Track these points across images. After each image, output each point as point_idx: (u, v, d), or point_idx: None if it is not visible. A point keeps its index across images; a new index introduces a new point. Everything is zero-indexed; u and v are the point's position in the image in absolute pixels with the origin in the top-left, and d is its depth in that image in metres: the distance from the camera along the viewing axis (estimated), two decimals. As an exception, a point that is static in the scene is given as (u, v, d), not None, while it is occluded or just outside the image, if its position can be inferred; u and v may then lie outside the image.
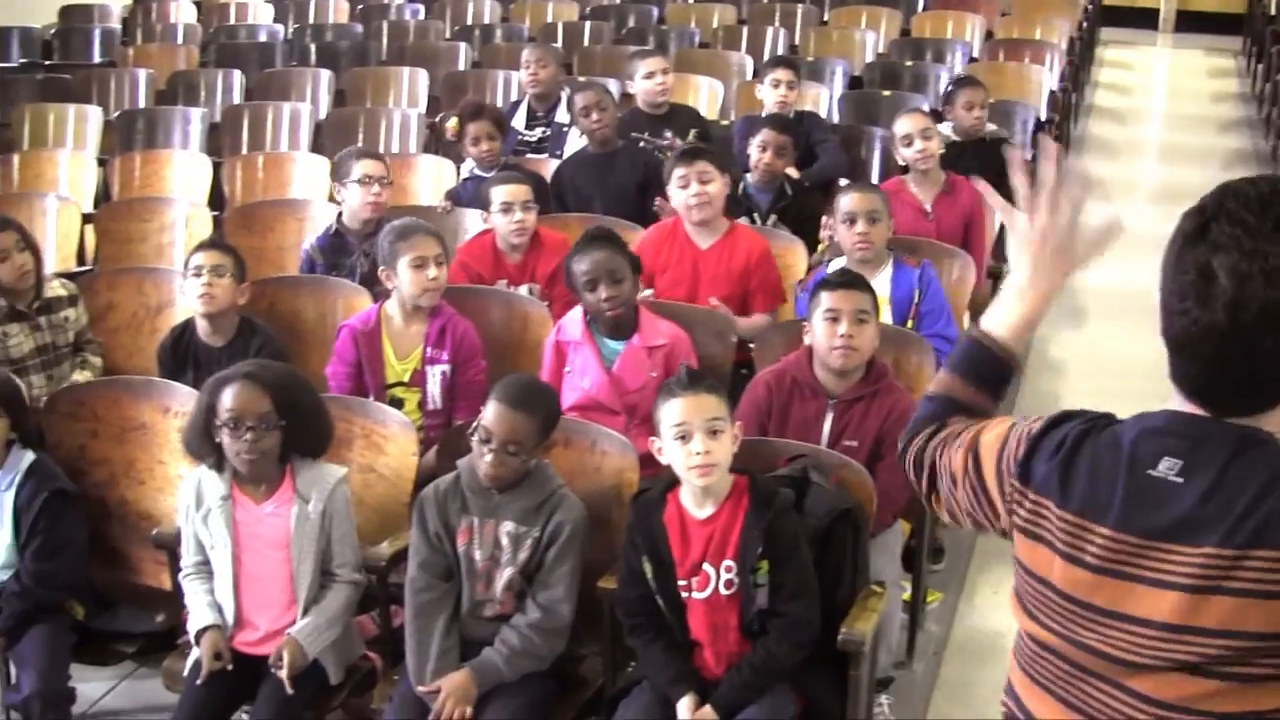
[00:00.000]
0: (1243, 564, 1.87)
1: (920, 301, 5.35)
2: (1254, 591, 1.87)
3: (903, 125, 6.31)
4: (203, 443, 3.95)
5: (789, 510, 3.74)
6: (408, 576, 3.94)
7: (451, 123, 6.78)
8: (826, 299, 4.44)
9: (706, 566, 3.68)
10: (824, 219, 5.79)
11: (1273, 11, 13.48)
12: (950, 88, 7.40)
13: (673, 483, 3.78)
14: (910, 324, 5.28)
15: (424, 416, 4.91)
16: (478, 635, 3.90)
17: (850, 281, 4.55)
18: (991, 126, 7.27)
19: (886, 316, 5.28)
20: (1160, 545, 1.95)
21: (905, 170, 6.42)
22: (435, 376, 4.93)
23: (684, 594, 3.71)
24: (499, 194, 5.63)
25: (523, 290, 5.57)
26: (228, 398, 3.87)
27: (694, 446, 3.65)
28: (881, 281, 5.35)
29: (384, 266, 5.03)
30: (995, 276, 6.31)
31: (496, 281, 5.61)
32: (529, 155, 7.28)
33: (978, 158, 6.63)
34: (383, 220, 5.68)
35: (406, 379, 4.96)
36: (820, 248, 5.94)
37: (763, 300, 5.48)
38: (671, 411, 3.70)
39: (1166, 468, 1.97)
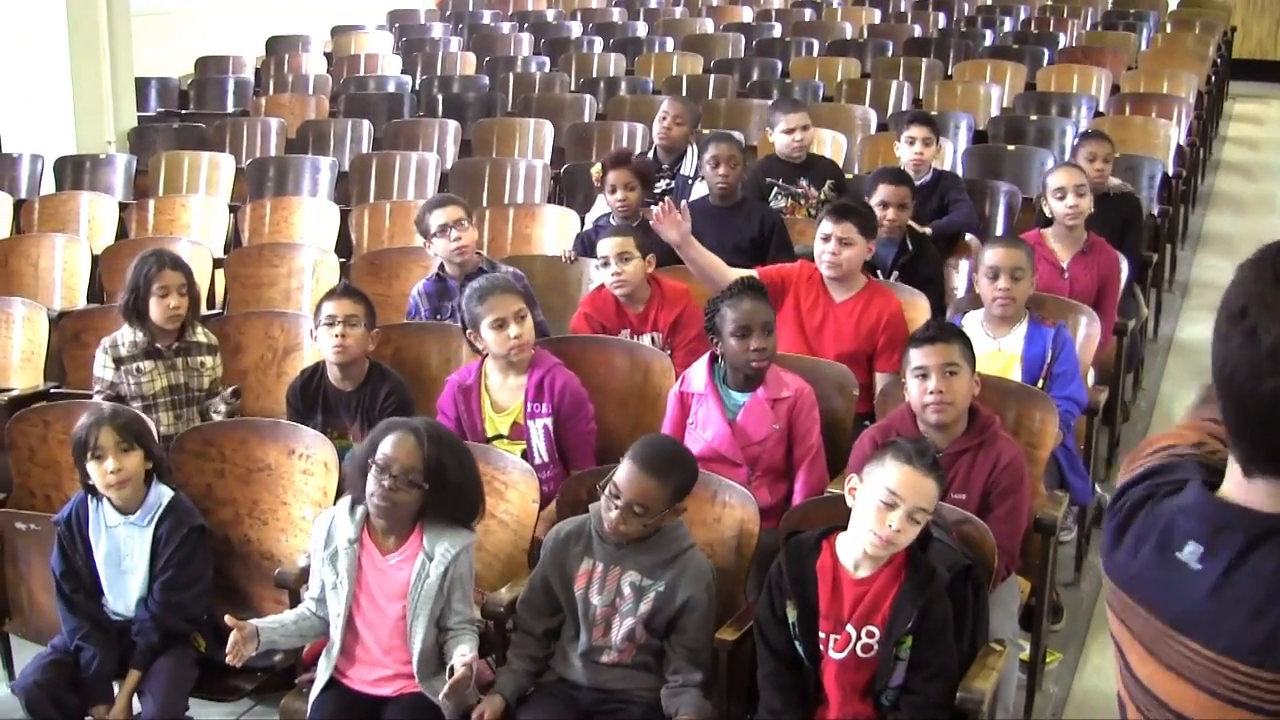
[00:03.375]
0: (1257, 683, 1.76)
1: (1054, 363, 5.28)
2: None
3: (1057, 178, 6.27)
4: (358, 477, 4.01)
5: (945, 592, 3.71)
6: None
7: (595, 168, 6.84)
8: (915, 356, 4.41)
9: (849, 627, 3.67)
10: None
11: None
12: (1076, 141, 7.34)
13: (829, 530, 3.77)
14: (1041, 383, 5.22)
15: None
16: (594, 681, 3.92)
17: (936, 336, 4.48)
18: (1115, 181, 7.21)
19: (1016, 373, 5.25)
20: (1179, 637, 1.85)
21: (1047, 224, 6.36)
22: (539, 430, 4.94)
23: (821, 648, 3.70)
24: (600, 248, 5.69)
25: (645, 340, 5.59)
26: (388, 443, 3.93)
27: (892, 521, 3.63)
28: (1015, 338, 5.34)
29: (470, 329, 5.07)
30: (1120, 333, 6.24)
31: (619, 332, 5.64)
32: (651, 206, 7.31)
33: (1100, 212, 6.57)
34: (481, 260, 5.79)
35: (506, 432, 4.97)
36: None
37: (887, 360, 5.43)
38: (895, 475, 3.67)
39: (1190, 553, 1.83)
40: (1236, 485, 1.83)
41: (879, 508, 3.64)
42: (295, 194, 8.52)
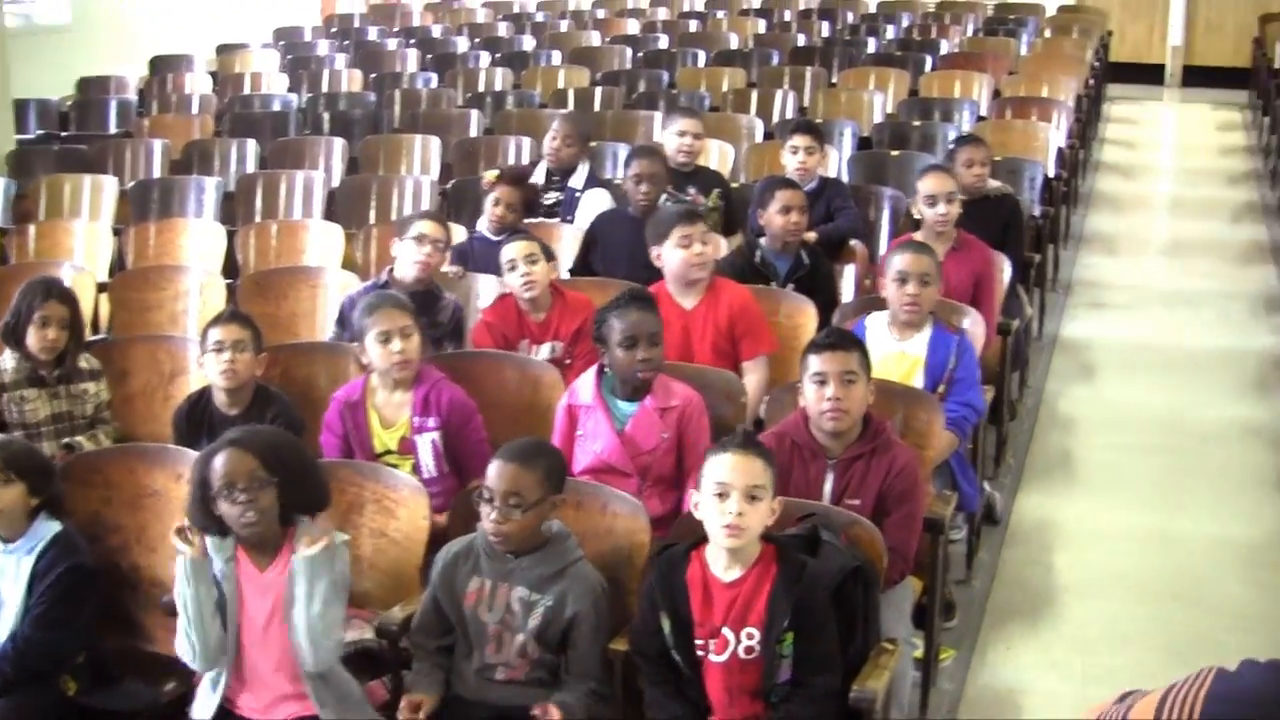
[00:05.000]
0: None
1: (956, 368, 5.34)
2: None
3: (928, 184, 6.37)
4: (204, 516, 3.94)
5: (819, 584, 3.74)
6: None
7: (491, 174, 6.84)
8: (814, 362, 4.44)
9: (726, 631, 3.71)
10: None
11: (1278, 64, 13.51)
12: (952, 146, 7.44)
13: (698, 541, 3.80)
14: (942, 388, 5.28)
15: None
16: (488, 698, 3.92)
17: (836, 343, 4.52)
18: (995, 183, 7.32)
19: (919, 377, 5.31)
20: None
21: (916, 227, 6.44)
22: (427, 445, 4.93)
23: (700, 654, 3.73)
24: (505, 253, 5.74)
25: (545, 349, 5.62)
26: (217, 466, 3.86)
27: (729, 506, 3.67)
28: (919, 343, 5.40)
29: (356, 341, 5.07)
30: (1005, 333, 6.33)
31: (520, 341, 5.67)
32: (541, 219, 7.33)
33: (980, 215, 6.67)
34: (433, 282, 5.83)
35: (395, 447, 4.95)
36: None
37: (749, 346, 5.51)
38: (717, 467, 3.73)
39: None
40: None
41: (716, 501, 3.69)
42: (180, 215, 8.41)
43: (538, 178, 7.68)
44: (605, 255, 6.49)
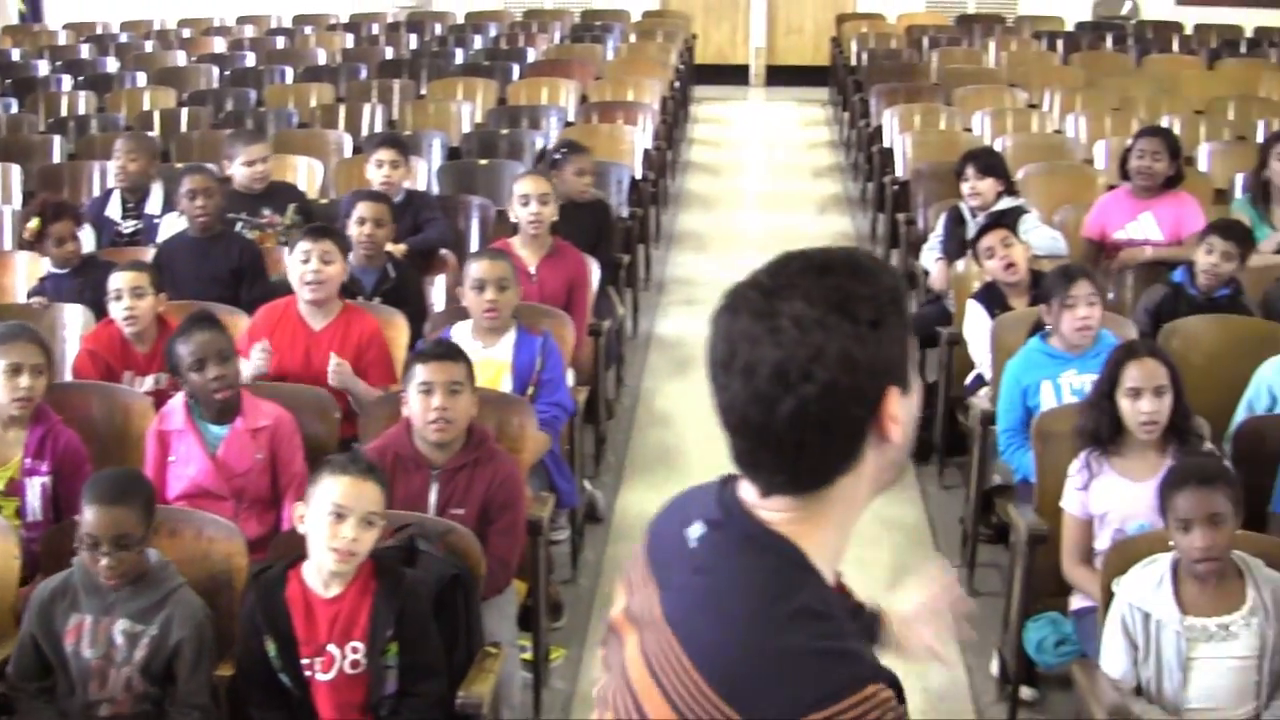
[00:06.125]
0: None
1: (543, 369, 5.42)
2: None
3: (523, 186, 6.45)
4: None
5: (419, 593, 3.79)
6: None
7: (33, 223, 6.50)
8: (421, 371, 4.48)
9: (331, 647, 3.72)
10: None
11: (853, 62, 14.16)
12: (561, 154, 7.52)
13: (295, 560, 3.79)
14: (531, 391, 5.36)
15: (24, 528, 4.71)
16: (93, 735, 3.82)
17: (444, 354, 4.58)
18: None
19: (506, 382, 5.37)
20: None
21: (514, 232, 6.51)
22: (35, 488, 4.74)
23: (308, 673, 3.72)
24: (111, 282, 5.53)
25: (149, 381, 5.48)
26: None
27: (345, 531, 3.68)
28: (504, 348, 5.45)
29: None
30: (596, 334, 6.46)
31: (125, 371, 5.50)
32: (126, 248, 7.10)
33: (574, 220, 6.79)
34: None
35: (1, 487, 4.76)
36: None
37: (376, 376, 5.49)
38: (334, 489, 3.72)
39: (693, 532, 1.92)
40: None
41: (331, 522, 3.70)
42: None
43: (113, 210, 7.49)
44: (175, 280, 6.26)
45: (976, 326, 6.06)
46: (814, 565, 1.84)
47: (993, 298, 6.12)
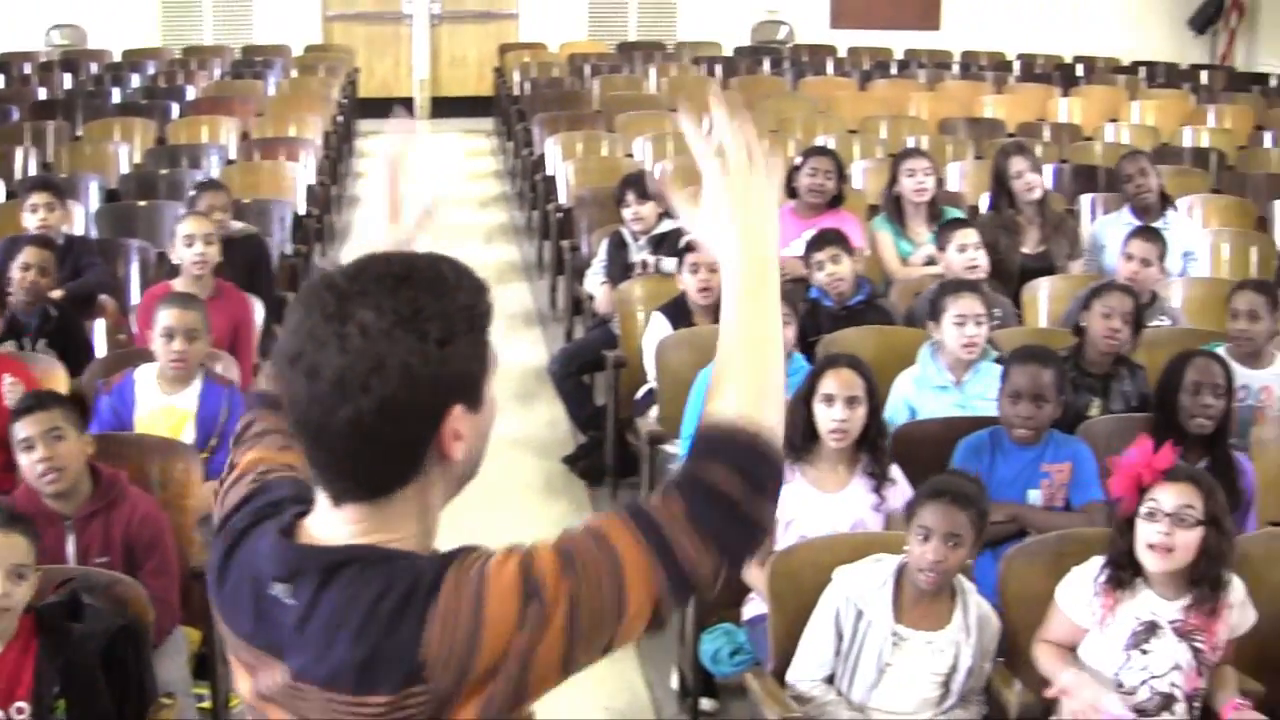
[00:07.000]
0: (339, 705, 1.84)
1: (227, 421, 5.28)
2: None
3: (186, 226, 6.36)
4: None
5: (85, 648, 3.72)
6: None
7: None
8: (17, 429, 4.36)
9: (-5, 712, 3.60)
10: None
11: (516, 92, 14.27)
12: (193, 192, 7.47)
13: None
14: (214, 442, 5.24)
15: None
16: None
17: (34, 405, 4.43)
18: (238, 225, 7.45)
19: (189, 432, 5.26)
20: (279, 664, 1.89)
21: (174, 273, 6.40)
22: None
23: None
24: None
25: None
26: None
27: None
28: (189, 397, 5.34)
29: None
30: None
31: None
32: None
33: (228, 257, 6.70)
34: None
35: None
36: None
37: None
38: None
39: (281, 590, 1.87)
40: (321, 515, 1.90)
41: None
42: None
43: None
44: None
45: (657, 338, 6.17)
46: (401, 551, 1.86)
47: (679, 313, 6.24)
